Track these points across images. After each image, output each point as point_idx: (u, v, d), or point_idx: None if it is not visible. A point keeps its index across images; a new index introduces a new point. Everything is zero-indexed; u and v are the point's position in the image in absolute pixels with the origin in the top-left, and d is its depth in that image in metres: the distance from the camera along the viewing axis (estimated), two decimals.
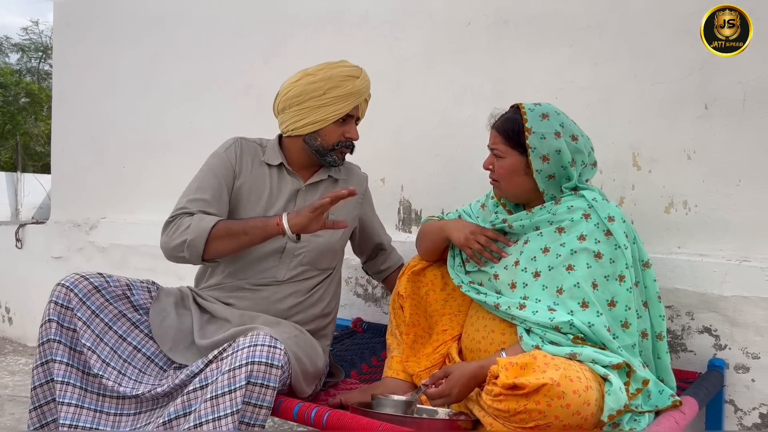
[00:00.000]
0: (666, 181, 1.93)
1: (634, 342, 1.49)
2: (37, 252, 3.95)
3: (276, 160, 1.89)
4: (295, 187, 1.88)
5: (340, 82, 1.80)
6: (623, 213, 1.57)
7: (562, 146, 1.56)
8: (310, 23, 2.76)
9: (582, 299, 1.47)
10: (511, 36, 2.23)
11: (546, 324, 1.45)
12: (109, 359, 1.64)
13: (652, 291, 1.58)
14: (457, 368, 1.49)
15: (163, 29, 3.36)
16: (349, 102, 1.82)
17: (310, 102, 1.80)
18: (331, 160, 1.88)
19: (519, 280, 1.57)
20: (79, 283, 1.64)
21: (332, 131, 1.84)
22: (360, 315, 2.47)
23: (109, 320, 1.67)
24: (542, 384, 1.24)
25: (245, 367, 1.43)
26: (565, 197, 1.60)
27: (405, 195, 2.49)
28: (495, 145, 1.64)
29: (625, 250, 1.50)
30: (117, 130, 3.56)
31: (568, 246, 1.53)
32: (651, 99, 1.95)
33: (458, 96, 2.35)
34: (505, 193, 1.67)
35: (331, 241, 1.89)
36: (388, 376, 1.81)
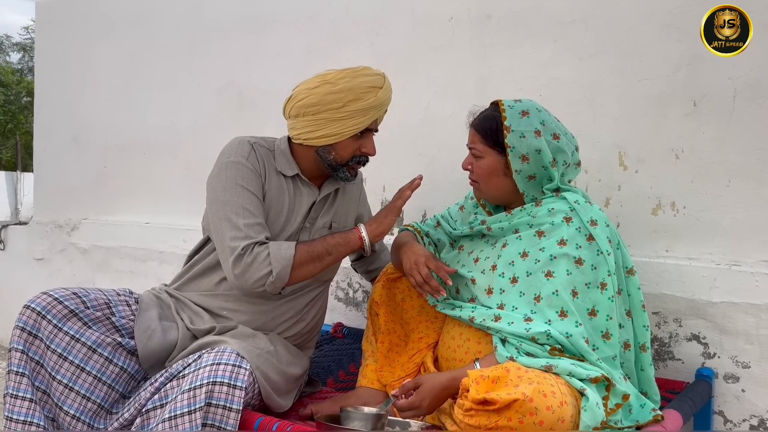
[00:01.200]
0: (653, 181, 1.85)
1: (615, 354, 1.41)
2: (19, 253, 3.88)
3: (291, 170, 1.72)
4: (311, 199, 1.74)
5: (361, 94, 1.63)
6: (607, 216, 1.50)
7: (542, 145, 1.49)
8: (290, 19, 2.68)
9: (560, 308, 1.39)
10: (493, 31, 2.16)
11: (522, 335, 1.37)
12: (90, 393, 1.52)
13: (636, 299, 1.50)
14: (429, 379, 1.42)
15: (143, 27, 3.29)
16: (370, 116, 1.66)
17: (327, 114, 1.63)
18: (343, 176, 1.73)
19: (496, 285, 1.49)
20: (52, 308, 1.50)
21: (348, 145, 1.68)
22: (341, 320, 2.40)
23: (92, 342, 1.54)
24: (514, 399, 1.17)
25: (206, 386, 1.35)
26: (546, 199, 1.52)
27: (387, 196, 2.42)
28: (473, 144, 1.57)
29: (608, 256, 1.43)
30: (98, 130, 3.49)
31: (547, 251, 1.45)
32: (637, 96, 1.88)
33: (440, 93, 2.28)
34: (485, 195, 1.60)
35: None
36: (362, 386, 1.75)
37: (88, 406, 1.51)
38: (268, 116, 2.67)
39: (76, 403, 1.49)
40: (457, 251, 1.67)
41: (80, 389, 1.50)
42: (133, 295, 1.71)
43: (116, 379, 1.57)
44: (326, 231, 1.75)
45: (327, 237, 1.67)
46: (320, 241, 1.65)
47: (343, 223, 1.81)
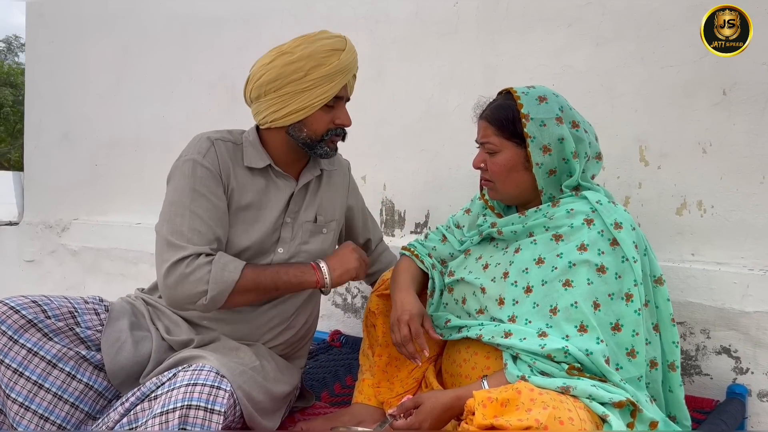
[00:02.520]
0: (678, 178, 1.70)
1: (641, 374, 1.25)
2: (9, 255, 3.77)
3: (261, 162, 1.56)
4: (289, 191, 1.58)
5: (323, 59, 1.48)
6: (633, 219, 1.33)
7: (564, 133, 1.33)
8: (285, 7, 2.54)
9: (580, 322, 1.23)
10: (502, 16, 2.00)
11: (536, 351, 1.21)
12: (49, 412, 1.37)
13: (665, 312, 1.33)
14: (430, 398, 1.26)
15: (134, 21, 3.18)
16: (337, 81, 1.49)
17: (289, 87, 1.48)
18: (323, 152, 1.56)
19: (508, 295, 1.33)
20: (7, 318, 1.34)
21: (320, 118, 1.52)
22: (338, 327, 2.26)
23: (53, 356, 1.38)
24: (526, 427, 1.02)
25: (179, 410, 1.18)
26: (564, 198, 1.36)
27: (387, 195, 2.27)
28: (486, 139, 1.38)
29: (634, 263, 1.26)
30: (89, 127, 3.38)
31: (566, 257, 1.29)
32: (660, 84, 1.72)
33: (444, 84, 2.13)
34: (502, 195, 1.42)
35: (324, 248, 1.63)
36: (357, 402, 1.61)
37: (46, 426, 1.35)
38: None
39: (33, 423, 1.33)
40: (464, 256, 1.51)
41: (37, 408, 1.34)
42: (103, 303, 1.54)
43: (80, 397, 1.40)
44: (311, 225, 1.61)
45: (281, 268, 1.49)
46: (273, 271, 1.48)
47: (330, 216, 1.66)
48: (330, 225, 1.65)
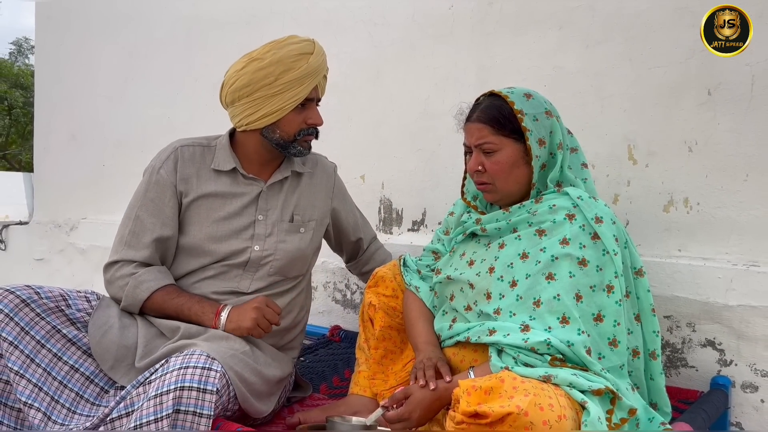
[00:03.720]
0: (665, 176, 1.74)
1: (622, 362, 1.30)
2: (20, 253, 3.85)
3: (228, 165, 1.65)
4: (255, 192, 1.66)
5: (292, 64, 1.56)
6: (613, 213, 1.38)
7: (554, 126, 1.39)
8: (286, 11, 2.60)
9: (562, 314, 1.28)
10: (495, 19, 2.05)
11: (520, 345, 1.26)
12: (42, 382, 1.44)
13: (646, 303, 1.38)
14: (418, 390, 1.32)
15: (140, 23, 3.24)
16: (306, 84, 1.58)
17: (261, 92, 1.57)
18: (296, 151, 1.65)
19: (494, 290, 1.38)
20: (3, 298, 1.44)
21: (292, 120, 1.61)
22: (338, 322, 2.31)
23: (41, 337, 1.46)
24: (507, 413, 1.07)
25: (173, 392, 1.25)
26: (546, 194, 1.41)
27: (385, 193, 2.32)
28: (484, 139, 1.41)
29: (615, 256, 1.31)
30: (96, 128, 3.44)
31: (548, 251, 1.34)
32: (648, 85, 1.76)
33: (441, 85, 2.18)
34: (502, 194, 1.44)
35: (302, 246, 1.69)
36: (354, 393, 1.66)
37: (40, 395, 1.43)
38: None
39: (27, 390, 1.41)
40: (449, 254, 1.56)
41: (31, 378, 1.43)
42: (95, 294, 1.63)
43: (66, 377, 1.48)
44: (287, 225, 1.68)
45: (188, 303, 1.57)
46: (179, 303, 1.57)
47: (309, 217, 1.72)
48: (308, 225, 1.71)
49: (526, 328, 1.29)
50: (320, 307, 2.39)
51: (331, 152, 2.43)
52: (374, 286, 1.68)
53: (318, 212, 1.75)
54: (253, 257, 1.63)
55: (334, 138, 2.43)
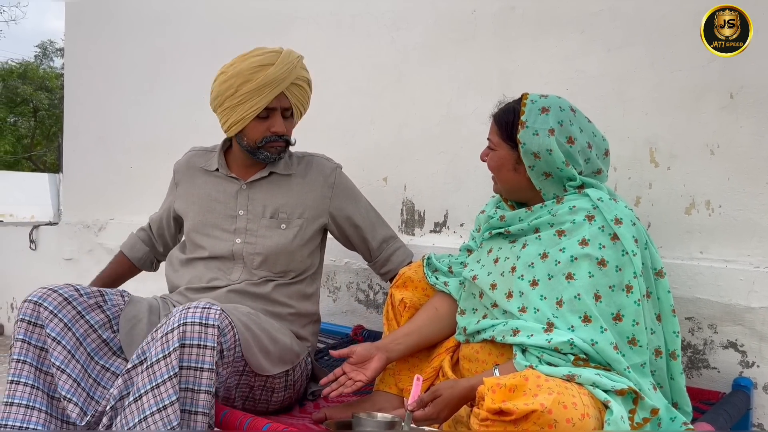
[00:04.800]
0: (686, 179, 1.75)
1: (643, 361, 1.32)
2: (49, 253, 3.94)
3: (213, 165, 1.87)
4: (235, 188, 1.84)
5: (250, 76, 1.69)
6: (633, 215, 1.41)
7: (553, 146, 1.41)
8: (311, 16, 2.64)
9: (583, 313, 1.31)
10: (517, 23, 2.07)
11: (543, 346, 1.30)
12: (81, 378, 1.52)
13: (666, 304, 1.41)
14: (446, 390, 1.35)
15: (166, 27, 3.30)
16: (265, 94, 1.69)
17: (226, 102, 1.72)
18: (264, 157, 1.78)
19: (515, 288, 1.42)
20: (48, 296, 1.53)
21: (254, 128, 1.74)
22: (361, 322, 2.34)
23: (80, 335, 1.56)
24: (531, 410, 1.09)
25: (177, 329, 1.36)
26: (567, 196, 1.45)
27: (408, 195, 2.35)
28: (490, 135, 1.53)
29: (634, 256, 1.34)
30: (124, 130, 3.52)
31: (568, 251, 1.37)
32: (670, 88, 1.77)
33: (463, 89, 2.20)
34: (502, 188, 1.55)
35: (283, 242, 1.79)
36: (379, 390, 1.70)
37: (78, 390, 1.51)
38: None
39: (67, 384, 1.50)
40: (478, 248, 1.61)
41: (71, 373, 1.51)
42: (127, 291, 1.75)
43: (99, 375, 1.58)
44: (267, 221, 1.80)
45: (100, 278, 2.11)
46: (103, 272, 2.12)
47: (297, 214, 1.82)
48: (293, 222, 1.81)
49: (550, 328, 1.32)
50: (343, 307, 2.43)
51: (354, 154, 2.48)
52: (402, 286, 1.72)
53: (309, 211, 1.83)
54: (235, 249, 1.78)
55: (358, 140, 2.48)
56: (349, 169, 2.48)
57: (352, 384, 1.52)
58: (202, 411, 1.36)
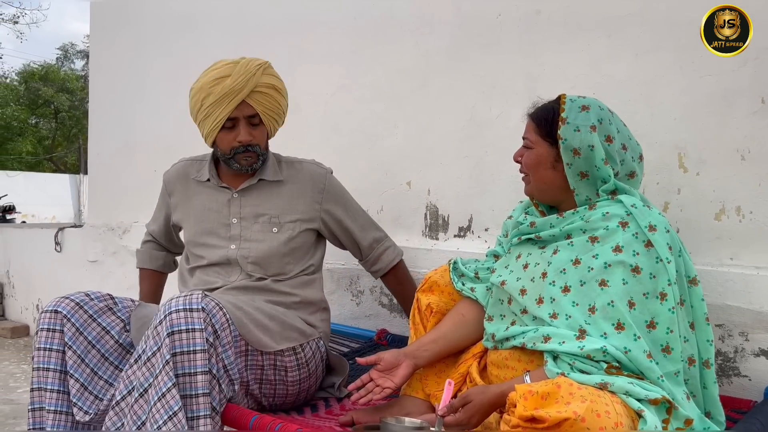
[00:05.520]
0: (716, 184, 1.73)
1: (677, 369, 1.31)
2: (74, 255, 4.00)
3: (204, 176, 1.92)
4: (227, 197, 1.88)
5: (210, 89, 1.75)
6: (668, 222, 1.40)
7: (596, 142, 1.41)
8: (334, 20, 2.65)
9: (617, 320, 1.31)
10: (543, 27, 2.07)
11: (576, 353, 1.29)
12: (88, 382, 1.60)
13: (700, 312, 1.39)
14: (477, 394, 1.35)
15: (190, 32, 3.32)
16: (225, 106, 1.74)
17: (198, 116, 1.81)
18: (237, 167, 1.83)
19: (546, 294, 1.41)
20: (61, 303, 1.62)
21: (223, 139, 1.79)
22: (384, 326, 2.35)
23: (93, 338, 1.64)
24: (564, 418, 1.08)
25: (165, 320, 1.43)
26: (600, 202, 1.44)
27: (431, 200, 2.35)
28: (527, 134, 1.52)
29: (668, 264, 1.33)
30: (148, 134, 3.55)
31: (601, 258, 1.36)
32: (699, 93, 1.76)
33: (487, 93, 2.20)
34: (534, 188, 1.52)
35: (275, 245, 1.83)
36: (406, 394, 1.70)
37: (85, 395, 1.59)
38: (313, 119, 2.66)
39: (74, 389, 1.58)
40: (506, 253, 1.61)
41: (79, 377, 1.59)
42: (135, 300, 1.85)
43: (112, 376, 1.64)
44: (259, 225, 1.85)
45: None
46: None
47: (288, 218, 1.87)
48: (285, 226, 1.86)
49: (582, 335, 1.31)
50: (367, 311, 2.44)
51: (377, 159, 2.49)
52: (428, 290, 1.72)
53: (300, 215, 1.88)
54: (230, 255, 1.83)
55: (380, 145, 2.49)
56: (373, 173, 2.50)
57: (381, 391, 1.52)
58: (202, 392, 1.42)
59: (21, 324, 4.48)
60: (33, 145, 21.70)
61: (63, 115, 21.47)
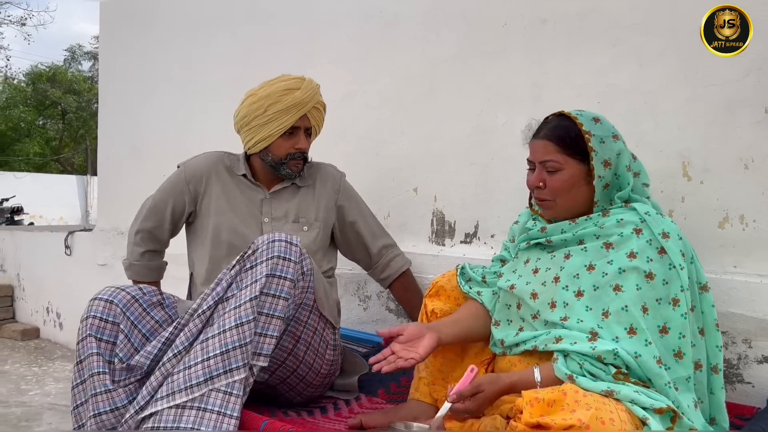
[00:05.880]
0: (720, 193, 1.75)
1: (689, 374, 1.34)
2: (84, 259, 4.04)
3: (240, 170, 2.00)
4: (260, 197, 1.99)
5: (279, 98, 1.87)
6: (680, 229, 1.43)
7: (621, 148, 1.45)
8: (341, 27, 2.68)
9: (629, 324, 1.33)
10: (549, 36, 2.09)
11: (587, 353, 1.32)
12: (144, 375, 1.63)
13: (710, 318, 1.42)
14: (488, 385, 1.36)
15: (200, 37, 3.36)
16: (292, 114, 1.88)
17: (255, 121, 1.89)
18: (286, 173, 1.96)
19: (559, 298, 1.44)
20: (117, 294, 1.64)
21: (280, 145, 1.92)
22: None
23: (147, 331, 1.66)
24: (569, 426, 1.11)
25: (266, 246, 1.55)
26: (614, 209, 1.46)
27: (438, 206, 2.38)
28: (548, 156, 1.47)
29: (681, 270, 1.36)
30: (158, 138, 3.59)
31: (616, 264, 1.39)
32: (703, 102, 1.78)
33: (493, 101, 2.22)
34: (560, 211, 1.50)
35: (306, 243, 1.92)
36: (414, 398, 1.72)
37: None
38: None
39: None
40: (513, 259, 1.63)
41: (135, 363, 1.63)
42: None
43: None
44: (290, 225, 1.96)
45: None
46: None
47: (311, 218, 1.99)
48: (313, 224, 1.99)
49: (594, 338, 1.33)
50: (374, 316, 2.46)
51: (384, 165, 2.52)
52: (434, 295, 1.74)
53: (322, 213, 2.02)
54: None
55: (387, 151, 2.52)
56: (379, 179, 2.52)
57: (404, 361, 1.47)
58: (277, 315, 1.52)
59: (31, 326, 4.52)
60: (40, 146, 21.83)
61: (70, 116, 21.56)
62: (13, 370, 3.62)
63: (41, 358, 3.91)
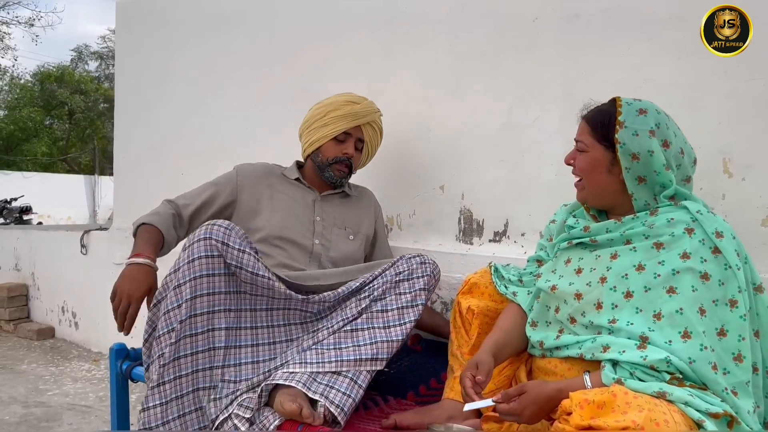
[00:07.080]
0: (762, 190, 1.71)
1: (748, 378, 1.29)
2: (100, 258, 4.02)
3: (293, 175, 2.15)
4: (312, 198, 2.12)
5: (339, 106, 2.07)
6: (732, 228, 1.38)
7: (654, 147, 1.39)
8: (365, 25, 2.64)
9: (684, 328, 1.28)
10: (582, 31, 2.05)
11: (638, 362, 1.27)
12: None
13: (765, 319, 1.37)
14: (535, 387, 1.33)
15: (217, 35, 3.32)
16: (346, 121, 2.05)
17: (314, 124, 2.08)
18: (329, 176, 2.09)
19: (606, 299, 1.39)
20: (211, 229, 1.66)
21: (330, 147, 2.07)
22: (418, 332, 2.34)
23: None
24: (623, 428, 1.08)
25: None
26: (662, 208, 1.42)
27: (465, 204, 2.34)
28: (580, 137, 1.49)
29: (737, 270, 1.32)
30: (175, 137, 3.56)
31: (668, 265, 1.35)
32: (744, 97, 1.74)
33: (524, 97, 2.19)
34: (588, 193, 1.50)
35: (351, 250, 2.09)
36: (448, 398, 1.68)
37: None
38: None
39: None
40: (553, 259, 1.58)
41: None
42: None
43: None
44: (337, 231, 2.09)
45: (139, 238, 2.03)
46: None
47: (357, 229, 2.14)
48: (358, 235, 2.14)
49: (644, 344, 1.29)
50: None
51: (409, 162, 2.48)
52: (468, 292, 1.71)
53: (364, 227, 2.18)
54: (315, 249, 2.04)
55: (413, 149, 2.48)
56: (405, 177, 2.49)
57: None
58: None
59: (46, 326, 4.51)
60: (48, 146, 21.85)
61: (78, 116, 21.60)
62: (30, 370, 3.61)
63: (58, 357, 3.90)
